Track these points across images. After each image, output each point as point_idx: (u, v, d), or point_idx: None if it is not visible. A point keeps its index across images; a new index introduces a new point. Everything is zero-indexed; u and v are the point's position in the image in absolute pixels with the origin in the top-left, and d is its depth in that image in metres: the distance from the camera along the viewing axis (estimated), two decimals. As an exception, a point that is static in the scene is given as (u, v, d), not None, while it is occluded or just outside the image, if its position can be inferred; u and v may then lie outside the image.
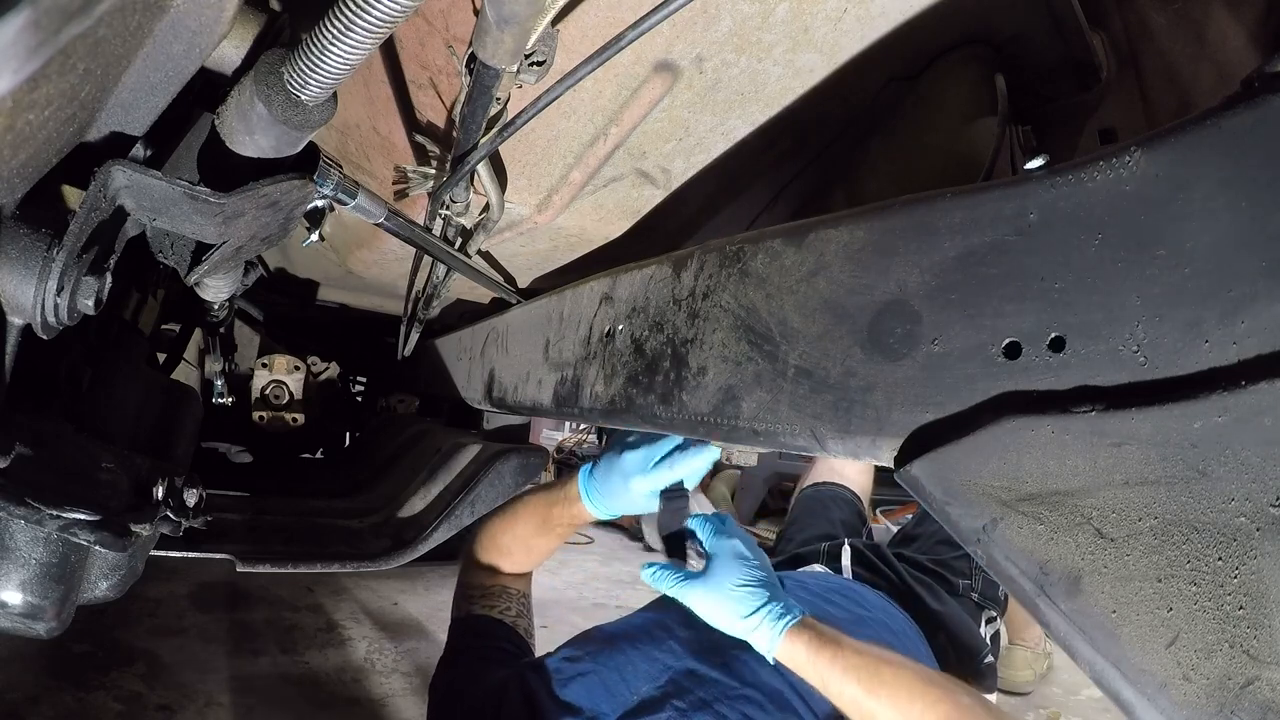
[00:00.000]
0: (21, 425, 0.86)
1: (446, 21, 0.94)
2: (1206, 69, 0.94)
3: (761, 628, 0.92)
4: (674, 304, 0.90)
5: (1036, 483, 0.51)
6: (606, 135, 1.09)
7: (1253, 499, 0.42)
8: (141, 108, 0.71)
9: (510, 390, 1.48)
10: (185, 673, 2.13)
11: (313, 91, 0.70)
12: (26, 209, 0.68)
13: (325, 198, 1.00)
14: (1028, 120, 1.07)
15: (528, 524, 1.22)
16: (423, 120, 1.12)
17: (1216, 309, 0.45)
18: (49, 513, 0.82)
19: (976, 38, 1.05)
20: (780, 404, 0.72)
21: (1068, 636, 0.50)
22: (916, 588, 1.64)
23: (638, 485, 1.06)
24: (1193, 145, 0.46)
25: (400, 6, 0.60)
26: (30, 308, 0.70)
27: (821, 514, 2.03)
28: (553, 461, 5.55)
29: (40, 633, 0.92)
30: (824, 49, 0.99)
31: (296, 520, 1.90)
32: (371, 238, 1.54)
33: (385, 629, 2.68)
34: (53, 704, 1.86)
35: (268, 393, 2.88)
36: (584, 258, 1.50)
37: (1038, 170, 0.54)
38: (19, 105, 0.49)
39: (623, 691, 1.02)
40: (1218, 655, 0.43)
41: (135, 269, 1.38)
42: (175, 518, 1.07)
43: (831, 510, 2.05)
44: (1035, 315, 0.53)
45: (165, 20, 0.61)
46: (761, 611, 0.93)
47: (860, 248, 0.66)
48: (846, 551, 1.71)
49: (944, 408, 0.58)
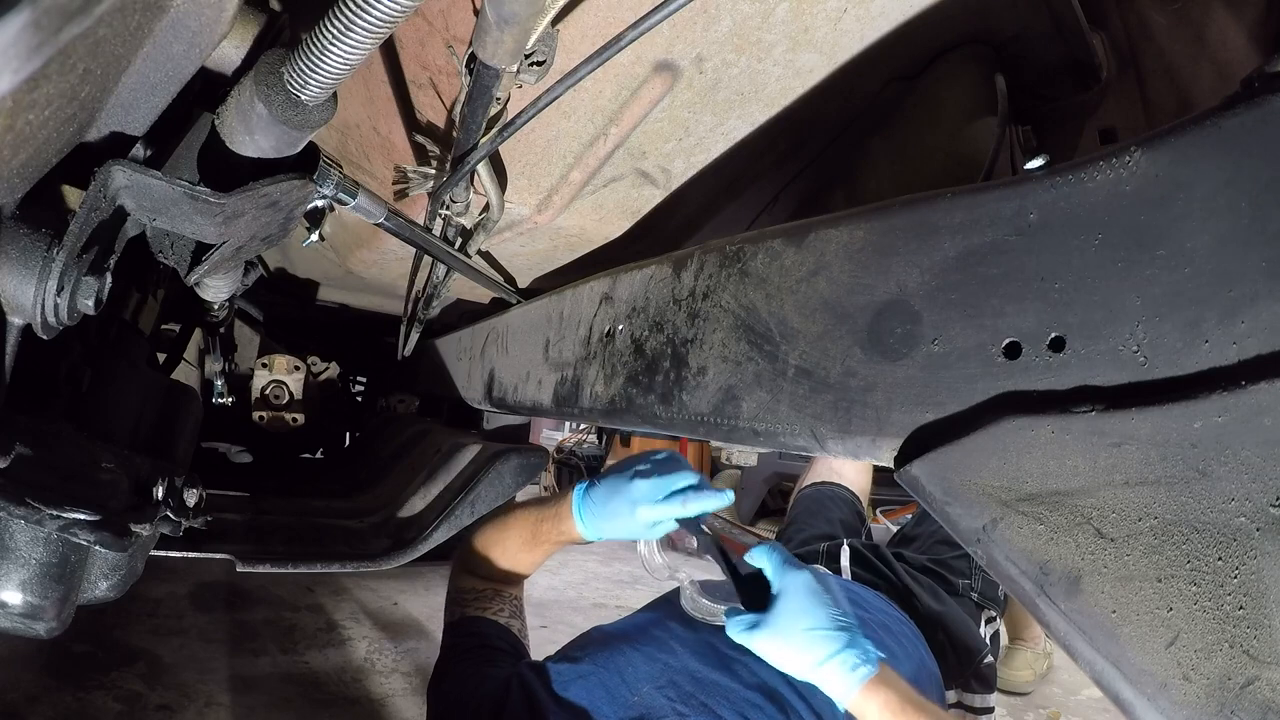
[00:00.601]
0: (21, 425, 0.86)
1: (446, 21, 0.94)
2: (1206, 69, 0.94)
3: (837, 675, 0.85)
4: (674, 304, 0.90)
5: (1036, 483, 0.51)
6: (606, 135, 1.09)
7: (1253, 499, 0.42)
8: (141, 108, 0.71)
9: (510, 390, 1.48)
10: (185, 673, 2.13)
11: (313, 92, 0.70)
12: (26, 209, 0.68)
13: (325, 198, 1.00)
14: (1028, 120, 1.07)
15: (516, 537, 1.21)
16: (423, 120, 1.12)
17: (1216, 309, 0.45)
18: (49, 513, 0.82)
19: (977, 38, 1.05)
20: (780, 404, 0.72)
21: (1068, 636, 0.50)
22: (915, 588, 1.64)
23: (645, 514, 1.01)
24: (1193, 145, 0.46)
25: (400, 6, 0.60)
26: (30, 308, 0.70)
27: (820, 514, 2.03)
28: (553, 461, 5.55)
29: (40, 633, 0.92)
30: (824, 49, 0.99)
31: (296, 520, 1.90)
32: (371, 238, 1.54)
33: (385, 629, 2.68)
34: (53, 704, 1.86)
35: (268, 393, 2.88)
36: (584, 258, 1.50)
37: (1038, 170, 0.54)
38: (19, 105, 0.49)
39: (623, 693, 1.02)
40: (1218, 655, 0.43)
41: (135, 269, 1.38)
42: (175, 518, 1.07)
43: (830, 510, 2.04)
44: (1035, 315, 0.53)
45: (165, 20, 0.61)
46: (838, 659, 0.85)
47: (860, 248, 0.66)
48: (845, 551, 1.71)
49: (944, 408, 0.58)
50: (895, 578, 1.66)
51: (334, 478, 2.68)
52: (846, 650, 0.86)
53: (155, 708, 1.93)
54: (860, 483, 2.19)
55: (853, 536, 1.88)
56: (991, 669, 1.66)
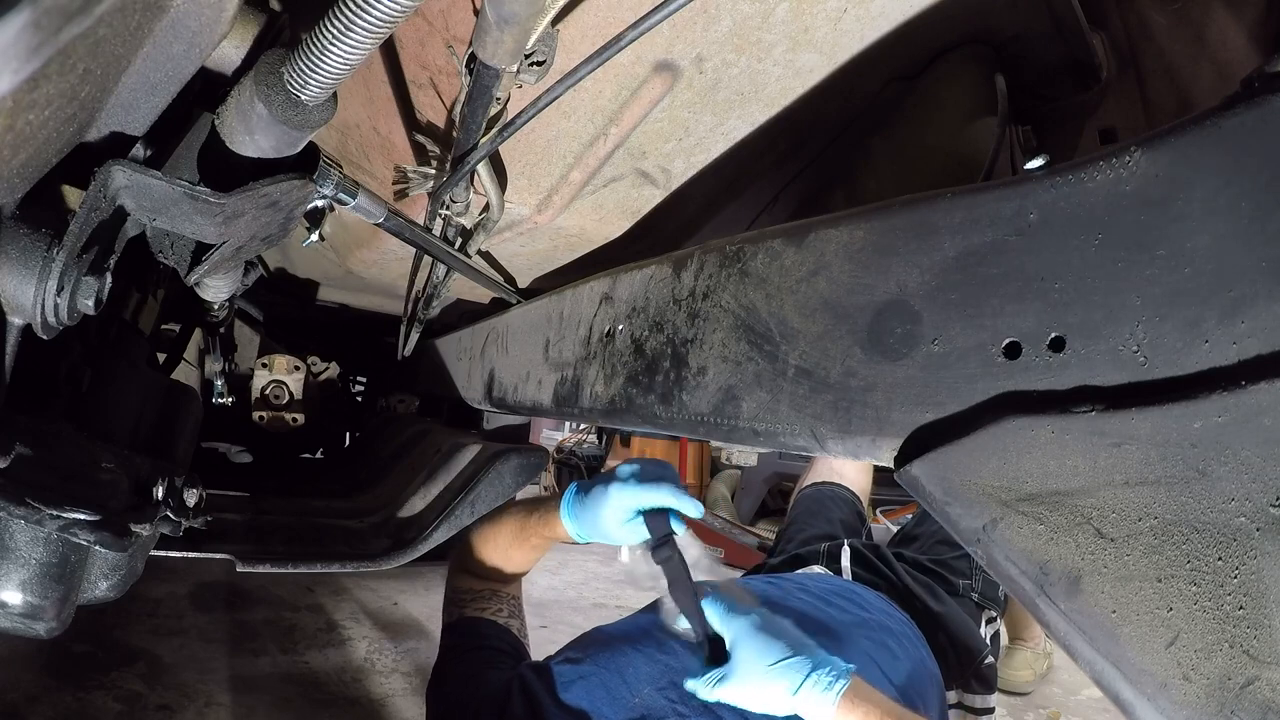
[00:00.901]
0: (21, 425, 0.86)
1: (446, 21, 0.94)
2: (1206, 69, 0.94)
3: (814, 697, 0.86)
4: (674, 304, 0.90)
5: (1036, 483, 0.51)
6: (606, 135, 1.09)
7: (1253, 499, 0.42)
8: (141, 108, 0.71)
9: (510, 390, 1.48)
10: (185, 673, 2.13)
11: (313, 92, 0.70)
12: (26, 209, 0.68)
13: (325, 198, 1.00)
14: (1028, 120, 1.07)
15: (507, 533, 1.21)
16: (423, 120, 1.12)
17: (1216, 309, 0.45)
18: (49, 513, 0.82)
19: (977, 38, 1.05)
20: (780, 404, 0.72)
21: (1068, 636, 0.50)
22: (916, 588, 1.64)
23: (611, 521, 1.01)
24: (1193, 145, 0.46)
25: (400, 6, 0.60)
26: (30, 308, 0.70)
27: (821, 514, 2.03)
28: (553, 461, 5.55)
29: (40, 633, 0.92)
30: (824, 49, 0.99)
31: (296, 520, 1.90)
32: (371, 238, 1.54)
33: (385, 629, 2.68)
34: (53, 704, 1.86)
35: (268, 393, 2.88)
36: (584, 258, 1.50)
37: (1038, 170, 0.54)
38: (19, 105, 0.49)
39: (624, 694, 1.02)
40: (1218, 655, 0.43)
41: (135, 269, 1.38)
42: (175, 518, 1.07)
43: (831, 510, 2.04)
44: (1035, 315, 0.53)
45: (165, 20, 0.61)
46: (809, 682, 0.86)
47: (860, 248, 0.66)
48: (846, 552, 1.71)
49: (944, 408, 0.58)
50: (896, 578, 1.66)
51: (334, 478, 2.68)
52: (815, 672, 0.87)
53: (155, 708, 1.93)
54: (861, 482, 2.19)
55: (853, 536, 1.88)
56: (992, 669, 1.66)
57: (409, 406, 3.05)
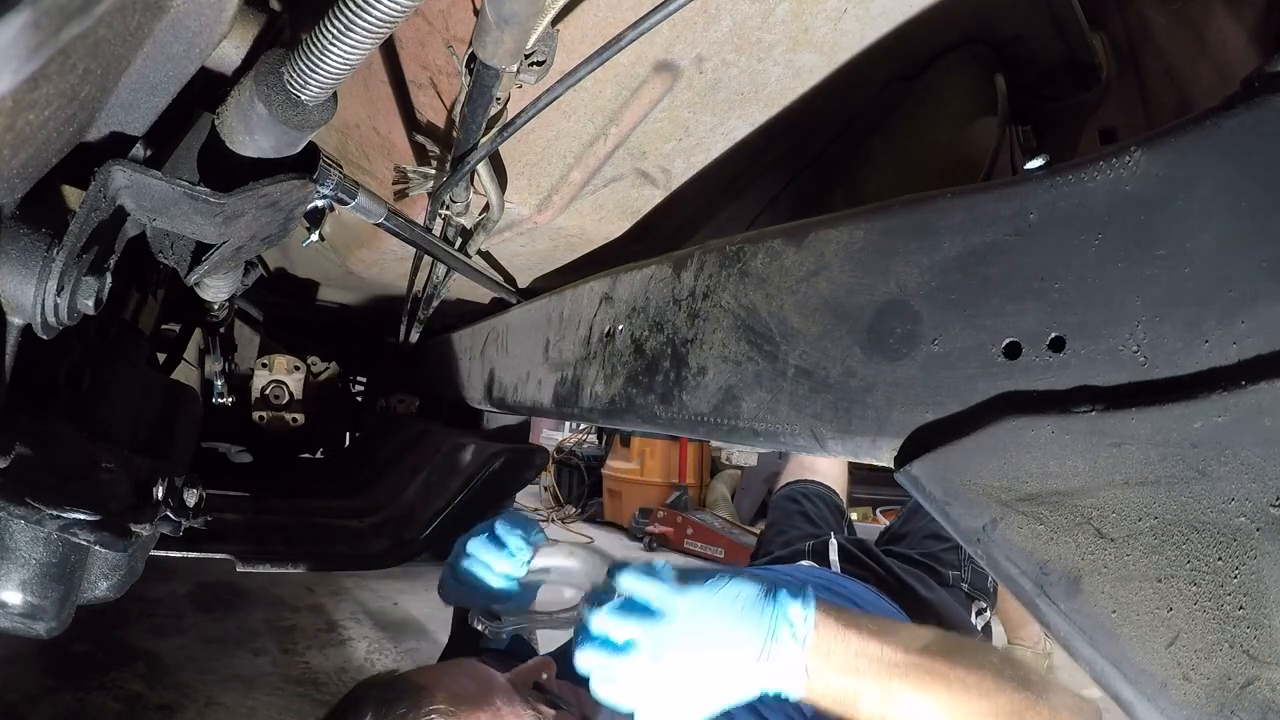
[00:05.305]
0: (21, 425, 0.86)
1: (446, 21, 0.94)
2: (1206, 69, 0.94)
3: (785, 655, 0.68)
4: (674, 304, 0.90)
5: (1036, 483, 0.51)
6: (606, 135, 1.09)
7: (1253, 499, 0.42)
8: (141, 108, 0.71)
9: (510, 390, 1.48)
10: (185, 673, 2.13)
11: (313, 92, 0.70)
12: (26, 209, 0.68)
13: (325, 198, 1.00)
14: (1028, 120, 1.07)
15: None
16: (423, 120, 1.12)
17: (1216, 309, 0.45)
18: (49, 513, 0.82)
19: (976, 38, 1.05)
20: (780, 404, 0.72)
21: (1068, 636, 0.50)
22: (906, 578, 1.64)
23: None
24: (1193, 145, 0.46)
25: (400, 6, 0.60)
26: (30, 308, 0.70)
27: (800, 513, 2.01)
28: (553, 461, 5.55)
29: (40, 633, 0.92)
30: (824, 49, 0.99)
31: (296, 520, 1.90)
32: (371, 238, 1.54)
33: (385, 629, 2.68)
34: (53, 704, 1.86)
35: (268, 393, 2.88)
36: (584, 258, 1.50)
37: (1038, 170, 0.54)
38: (19, 105, 0.49)
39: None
40: (1218, 655, 0.43)
41: (135, 269, 1.38)
42: (175, 518, 1.07)
43: (809, 507, 2.03)
44: (1035, 315, 0.53)
45: (165, 20, 0.61)
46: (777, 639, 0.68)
47: (860, 248, 0.66)
48: (834, 546, 1.70)
49: (944, 408, 0.58)
50: (885, 570, 1.66)
51: (334, 478, 2.69)
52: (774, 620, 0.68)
53: (155, 708, 1.93)
54: (836, 476, 2.18)
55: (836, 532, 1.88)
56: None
57: (409, 406, 3.05)
